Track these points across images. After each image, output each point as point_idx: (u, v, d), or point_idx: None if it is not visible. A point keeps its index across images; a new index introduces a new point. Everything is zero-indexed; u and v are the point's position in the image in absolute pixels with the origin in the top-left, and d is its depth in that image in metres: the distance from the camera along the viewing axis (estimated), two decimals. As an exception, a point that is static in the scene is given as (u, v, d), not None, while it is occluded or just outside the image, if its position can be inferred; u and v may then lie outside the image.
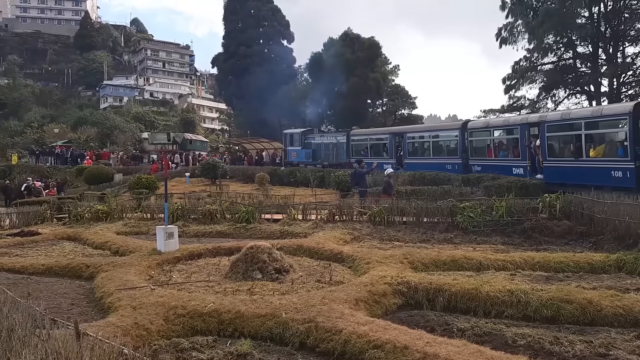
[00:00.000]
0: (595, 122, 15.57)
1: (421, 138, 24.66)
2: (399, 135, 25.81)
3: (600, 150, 15.26)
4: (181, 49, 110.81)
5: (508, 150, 19.56)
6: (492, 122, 21.72)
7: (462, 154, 21.22)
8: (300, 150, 33.18)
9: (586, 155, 15.43)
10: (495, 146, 20.24)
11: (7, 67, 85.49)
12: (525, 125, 18.31)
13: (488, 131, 20.87)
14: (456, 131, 21.96)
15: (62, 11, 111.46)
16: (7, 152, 53.93)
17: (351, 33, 44.59)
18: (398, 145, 25.55)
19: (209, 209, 13.01)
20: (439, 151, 23.17)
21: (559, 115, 17.65)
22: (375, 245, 9.44)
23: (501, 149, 19.89)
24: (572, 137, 16.36)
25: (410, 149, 24.78)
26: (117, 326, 4.67)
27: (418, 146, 24.76)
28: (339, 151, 29.49)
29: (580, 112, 17.38)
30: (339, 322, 4.74)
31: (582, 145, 15.55)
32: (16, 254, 9.79)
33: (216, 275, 7.25)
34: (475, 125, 21.61)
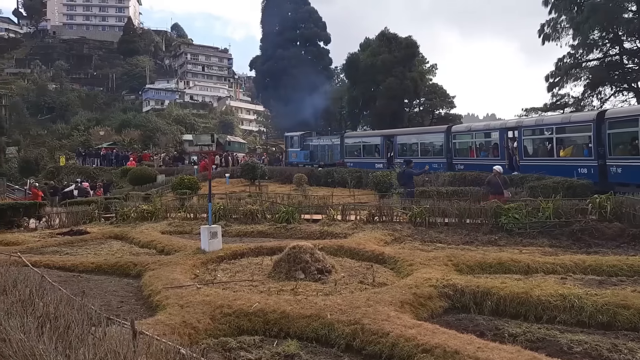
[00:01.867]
0: (565, 128, 18.18)
1: (410, 140, 27.16)
2: (390, 137, 28.26)
3: (568, 150, 17.88)
4: (220, 53, 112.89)
5: (488, 151, 21.87)
6: (474, 127, 23.92)
7: (447, 154, 23.74)
8: (299, 151, 35.92)
9: (557, 155, 18.05)
10: (477, 147, 22.62)
11: (55, 72, 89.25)
12: (504, 130, 20.86)
13: (470, 134, 23.26)
14: (442, 134, 24.61)
15: (106, 18, 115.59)
16: (55, 154, 56.38)
17: (388, 33, 44.19)
18: (389, 147, 27.88)
19: (250, 209, 13.15)
20: (426, 152, 25.50)
21: (534, 121, 20.40)
22: (417, 246, 9.30)
23: (482, 150, 22.32)
24: (545, 140, 18.97)
25: (400, 150, 26.99)
26: (166, 324, 4.75)
27: (407, 147, 26.98)
28: (333, 152, 32.52)
29: (552, 119, 20.01)
30: (385, 325, 4.68)
31: (554, 147, 18.22)
32: (66, 252, 10.16)
33: (259, 275, 7.30)
34: (459, 129, 24.33)
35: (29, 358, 2.78)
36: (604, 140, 16.32)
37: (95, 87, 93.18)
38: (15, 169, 54.06)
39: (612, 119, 16.17)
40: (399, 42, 42.64)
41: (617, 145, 16.12)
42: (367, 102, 44.69)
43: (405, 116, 43.96)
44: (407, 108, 46.75)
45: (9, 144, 64.58)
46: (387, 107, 40.69)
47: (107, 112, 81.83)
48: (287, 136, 39.55)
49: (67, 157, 48.93)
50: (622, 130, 15.99)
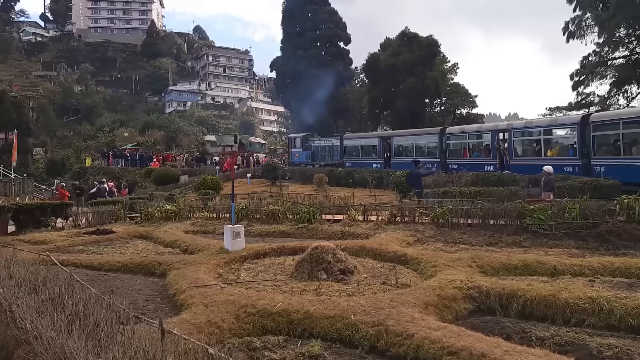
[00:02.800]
0: (552, 130, 19.71)
1: (406, 141, 28.40)
2: (387, 138, 29.94)
3: (555, 150, 19.38)
4: (241, 54, 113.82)
5: (480, 151, 23.30)
6: (467, 129, 25.44)
7: (440, 154, 25.14)
8: (301, 152, 37.72)
9: (544, 154, 19.37)
10: (470, 148, 24.01)
11: (80, 75, 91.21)
12: (496, 131, 22.23)
13: (464, 135, 24.64)
14: (435, 135, 26.00)
15: (129, 21, 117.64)
16: (81, 155, 57.60)
17: (408, 32, 43.86)
18: (386, 148, 29.31)
19: (272, 209, 13.22)
20: (421, 152, 26.59)
21: (523, 124, 21.90)
22: (440, 247, 9.21)
23: (475, 150, 23.79)
24: (534, 141, 20.40)
25: (396, 151, 28.33)
26: (192, 323, 4.80)
27: (403, 148, 28.29)
28: (333, 153, 34.18)
29: (540, 122, 21.64)
30: (409, 326, 4.64)
31: (542, 147, 19.69)
32: (93, 251, 10.36)
33: (282, 275, 7.33)
34: (453, 130, 25.76)
35: (60, 355, 2.84)
36: (588, 141, 17.60)
37: (119, 89, 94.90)
38: (42, 170, 55.42)
39: (596, 123, 17.45)
40: (420, 41, 42.26)
41: (600, 146, 17.54)
42: (387, 102, 44.44)
43: (426, 116, 43.56)
44: (428, 108, 46.33)
45: (36, 145, 66.23)
46: (407, 107, 40.38)
47: (131, 113, 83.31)
48: (290, 137, 41.69)
49: (93, 158, 49.94)
50: (605, 133, 17.39)
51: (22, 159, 52.46)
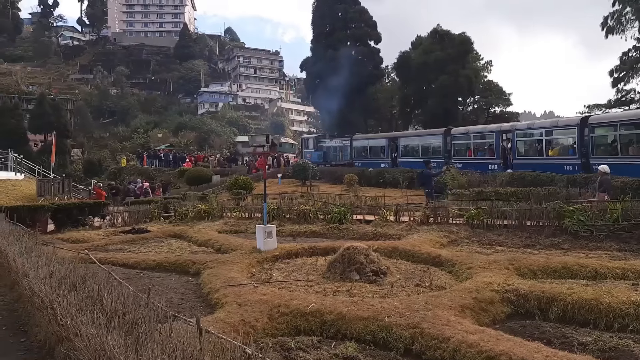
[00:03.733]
0: (553, 130, 20.87)
1: (412, 142, 29.91)
2: (394, 139, 31.21)
3: (556, 150, 20.47)
4: (271, 55, 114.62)
5: (485, 151, 24.35)
6: (472, 129, 26.48)
7: (445, 154, 26.09)
8: (313, 152, 39.31)
9: (546, 154, 20.53)
10: (475, 148, 25.08)
11: (115, 77, 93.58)
12: (499, 132, 23.28)
13: (468, 136, 25.76)
14: (440, 136, 27.15)
15: (163, 24, 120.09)
16: (117, 156, 59.15)
17: (440, 30, 43.23)
18: (393, 148, 30.57)
19: (303, 209, 13.23)
20: (426, 152, 27.71)
21: (526, 125, 23.04)
22: (475, 249, 9.02)
23: (479, 150, 24.80)
24: (536, 141, 21.46)
25: (403, 151, 29.78)
26: (226, 322, 4.83)
27: (409, 148, 29.65)
28: (344, 153, 35.64)
29: (542, 123, 22.79)
30: (445, 330, 4.54)
31: (543, 147, 20.77)
32: (129, 249, 10.61)
33: (314, 275, 7.31)
34: (458, 131, 26.59)
35: (100, 352, 2.88)
36: (587, 142, 18.64)
37: (153, 91, 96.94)
38: (80, 170, 57.15)
39: (594, 124, 18.58)
40: (452, 38, 41.59)
41: (599, 146, 18.60)
42: (419, 101, 43.91)
43: (459, 115, 42.83)
44: (461, 106, 45.57)
45: (74, 147, 68.32)
46: (439, 105, 39.80)
47: (165, 115, 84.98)
48: (303, 138, 44.05)
49: (128, 159, 51.23)
50: (603, 134, 18.62)
51: (61, 160, 54.21)
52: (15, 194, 22.61)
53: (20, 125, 60.97)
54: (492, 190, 15.37)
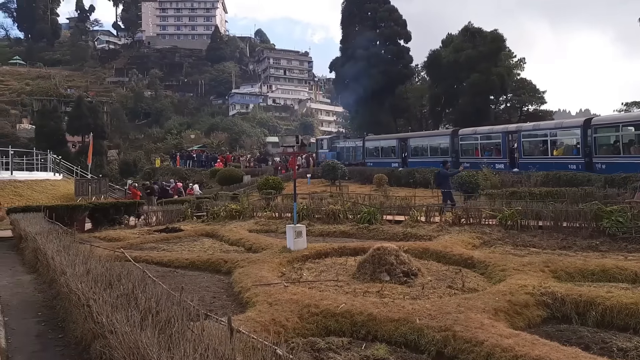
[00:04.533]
0: (557, 132, 21.95)
1: (422, 142, 31.15)
2: (404, 140, 32.53)
3: (561, 150, 21.49)
4: (300, 56, 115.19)
5: (491, 151, 25.41)
6: (479, 130, 27.39)
7: (452, 154, 27.05)
8: (327, 152, 40.82)
9: (551, 153, 21.52)
10: (482, 148, 26.15)
11: (150, 80, 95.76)
12: (506, 133, 24.42)
13: (475, 137, 26.79)
14: (447, 137, 28.54)
15: (195, 27, 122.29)
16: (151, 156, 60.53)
17: (472, 27, 42.46)
18: (403, 148, 31.99)
19: (332, 209, 13.20)
20: (434, 152, 28.94)
21: (532, 126, 23.74)
22: (509, 251, 8.81)
23: (486, 150, 25.84)
24: (541, 142, 22.39)
25: (412, 151, 31.12)
26: (257, 321, 4.86)
27: (419, 149, 30.94)
28: (357, 153, 37.19)
29: (547, 124, 23.57)
30: (478, 333, 4.45)
31: (548, 147, 21.78)
32: (163, 248, 10.81)
33: (344, 275, 7.28)
34: (465, 132, 27.67)
35: (133, 350, 2.94)
36: (590, 142, 19.58)
37: (186, 93, 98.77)
38: (116, 171, 58.75)
39: (597, 125, 19.56)
40: (484, 36, 40.81)
41: (601, 146, 19.51)
42: (449, 99, 43.29)
43: (491, 113, 42.00)
44: (493, 105, 44.69)
45: (110, 148, 70.27)
46: (471, 104, 39.14)
47: (197, 116, 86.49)
48: (318, 139, 46.04)
49: (162, 159, 52.33)
50: (606, 135, 19.51)
51: (98, 161, 55.84)
52: (54, 194, 23.41)
53: (59, 127, 63.14)
54: (526, 191, 15.01)
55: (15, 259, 10.51)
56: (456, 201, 15.41)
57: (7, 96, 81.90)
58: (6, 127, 70.16)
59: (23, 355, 4.72)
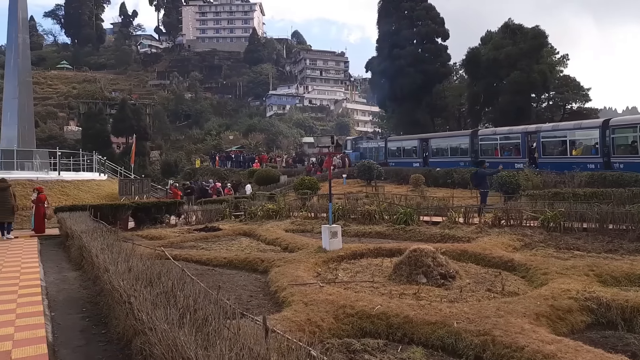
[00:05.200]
0: (576, 132, 22.50)
1: (442, 142, 32.07)
2: (426, 140, 33.39)
3: (580, 150, 22.19)
4: (337, 57, 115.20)
5: (511, 150, 26.03)
6: (499, 131, 28.38)
7: (471, 154, 27.89)
8: (351, 152, 42.03)
9: (570, 153, 22.11)
10: (501, 148, 26.79)
11: (190, 83, 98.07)
12: (525, 133, 25.06)
13: (495, 137, 27.63)
14: (467, 137, 29.28)
15: (233, 30, 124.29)
16: (191, 157, 61.93)
17: (512, 24, 41.34)
18: (425, 149, 32.92)
19: (368, 210, 13.13)
20: (455, 152, 30.04)
21: (551, 127, 24.42)
22: (551, 254, 8.52)
23: (505, 150, 26.49)
24: (560, 142, 23.13)
25: (433, 151, 32.19)
26: (292, 321, 4.88)
27: (439, 149, 31.96)
28: (379, 153, 38.41)
29: (566, 125, 23.89)
30: (519, 338, 4.33)
31: (567, 147, 22.40)
32: (202, 247, 11.03)
33: (380, 277, 7.23)
34: (485, 132, 29.23)
35: (171, 347, 3.01)
36: (608, 142, 20.14)
37: (224, 94, 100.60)
38: (158, 171, 60.42)
39: (615, 126, 20.11)
40: (525, 33, 39.66)
41: (619, 146, 20.02)
42: (489, 98, 42.28)
43: (532, 112, 40.78)
44: (535, 103, 43.39)
45: (153, 149, 72.36)
46: (511, 102, 38.11)
47: (235, 117, 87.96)
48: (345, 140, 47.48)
49: (202, 160, 53.47)
50: (624, 135, 19.96)
51: (140, 161, 57.56)
52: (98, 193, 24.28)
53: (104, 128, 65.54)
54: (569, 191, 14.50)
55: (62, 256, 10.96)
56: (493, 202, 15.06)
57: (55, 99, 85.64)
58: (54, 129, 73.40)
59: (68, 349, 4.91)
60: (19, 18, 27.39)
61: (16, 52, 27.10)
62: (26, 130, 26.80)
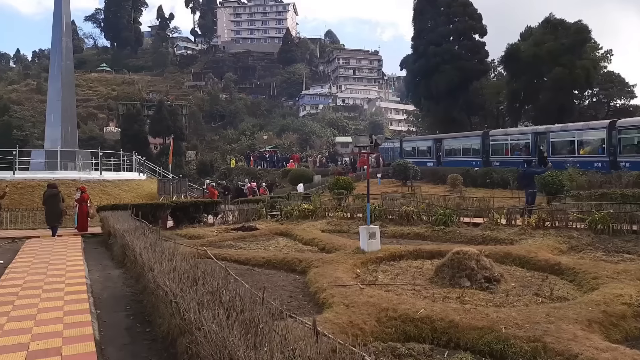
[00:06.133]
0: (584, 132, 23.46)
1: (456, 143, 33.11)
2: (439, 141, 34.73)
3: (587, 149, 23.11)
4: (370, 55, 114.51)
5: (520, 150, 26.87)
6: (509, 131, 30.25)
7: (482, 154, 29.37)
8: None
9: (578, 152, 23.14)
10: (512, 148, 27.93)
11: (225, 83, 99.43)
12: (535, 134, 26.15)
13: (506, 137, 28.88)
14: (478, 137, 30.59)
15: (267, 30, 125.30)
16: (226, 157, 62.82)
17: (553, 19, 40.04)
18: (438, 149, 34.14)
19: (405, 210, 12.95)
20: (466, 152, 31.23)
21: (560, 128, 25.21)
22: (600, 257, 8.20)
23: (515, 150, 27.52)
24: (569, 142, 24.16)
25: (446, 151, 33.33)
26: (334, 323, 4.84)
27: (452, 149, 33.12)
28: (394, 153, 40.12)
29: (574, 126, 24.70)
30: (572, 345, 4.15)
31: (575, 146, 23.42)
32: (240, 246, 11.13)
33: (421, 279, 7.10)
34: (495, 132, 30.39)
35: (220, 348, 3.00)
36: (615, 142, 21.06)
37: (258, 95, 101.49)
38: (194, 171, 61.50)
39: (621, 127, 21.07)
40: (567, 27, 38.34)
41: (625, 146, 20.96)
42: (529, 95, 41.05)
43: (575, 109, 39.40)
44: (577, 100, 41.92)
45: (189, 149, 73.70)
46: (553, 100, 36.88)
47: (269, 117, 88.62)
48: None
49: (237, 160, 54.17)
50: (630, 135, 21.02)
51: (177, 161, 58.69)
52: (138, 193, 24.89)
53: (142, 129, 67.24)
54: (617, 192, 13.90)
55: (105, 254, 11.27)
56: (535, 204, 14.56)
57: (96, 101, 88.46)
58: (95, 130, 75.81)
59: (114, 347, 5.01)
60: (63, 23, 28.37)
61: (60, 56, 28.09)
62: (69, 131, 27.72)
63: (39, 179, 21.53)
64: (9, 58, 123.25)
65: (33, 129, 69.52)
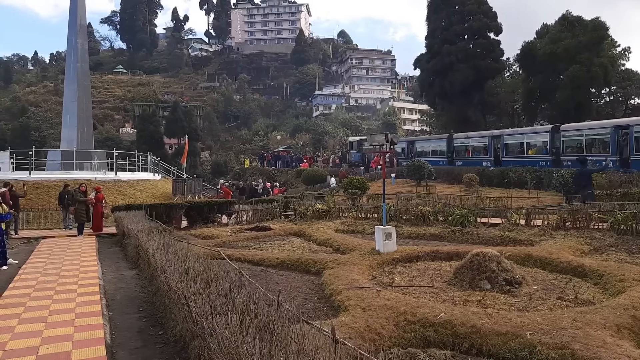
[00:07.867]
0: (532, 135, 27.36)
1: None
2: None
3: (534, 150, 26.38)
4: (383, 55, 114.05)
5: (480, 151, 30.20)
6: (470, 135, 32.74)
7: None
8: (355, 153, 43.92)
9: (526, 153, 26.62)
10: (472, 149, 31.15)
11: (239, 84, 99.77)
12: (492, 137, 29.35)
13: (467, 140, 32.26)
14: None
15: (280, 31, 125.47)
16: (240, 157, 63.01)
17: (570, 16, 39.27)
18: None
19: (421, 211, 12.71)
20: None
21: (512, 132, 29.43)
22: (625, 258, 7.91)
23: (475, 151, 30.68)
24: (519, 144, 27.62)
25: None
26: (351, 327, 4.69)
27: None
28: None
29: (523, 130, 29.22)
30: (602, 353, 3.95)
31: (525, 148, 26.97)
32: (254, 247, 11.01)
33: (439, 281, 6.90)
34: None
35: (234, 356, 2.86)
36: (558, 144, 24.44)
37: (272, 95, 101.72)
38: (208, 171, 61.78)
39: (564, 131, 24.43)
40: (584, 25, 37.59)
41: (567, 147, 24.18)
42: (545, 94, 40.33)
43: (592, 108, 38.63)
44: (595, 99, 41.11)
45: (203, 149, 74.08)
46: (570, 98, 36.17)
47: (282, 118, 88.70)
48: (349, 141, 49.78)
49: (250, 160, 54.27)
50: (571, 138, 24.12)
51: (191, 161, 59.02)
52: (153, 193, 24.99)
53: (157, 130, 67.77)
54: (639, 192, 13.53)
55: (119, 255, 11.24)
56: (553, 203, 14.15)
57: (112, 102, 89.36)
58: (111, 131, 76.56)
59: (125, 351, 4.91)
60: (78, 25, 28.64)
61: (76, 57, 28.36)
62: (85, 132, 27.98)
63: (55, 179, 21.74)
64: (27, 60, 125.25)
65: (50, 130, 70.49)
